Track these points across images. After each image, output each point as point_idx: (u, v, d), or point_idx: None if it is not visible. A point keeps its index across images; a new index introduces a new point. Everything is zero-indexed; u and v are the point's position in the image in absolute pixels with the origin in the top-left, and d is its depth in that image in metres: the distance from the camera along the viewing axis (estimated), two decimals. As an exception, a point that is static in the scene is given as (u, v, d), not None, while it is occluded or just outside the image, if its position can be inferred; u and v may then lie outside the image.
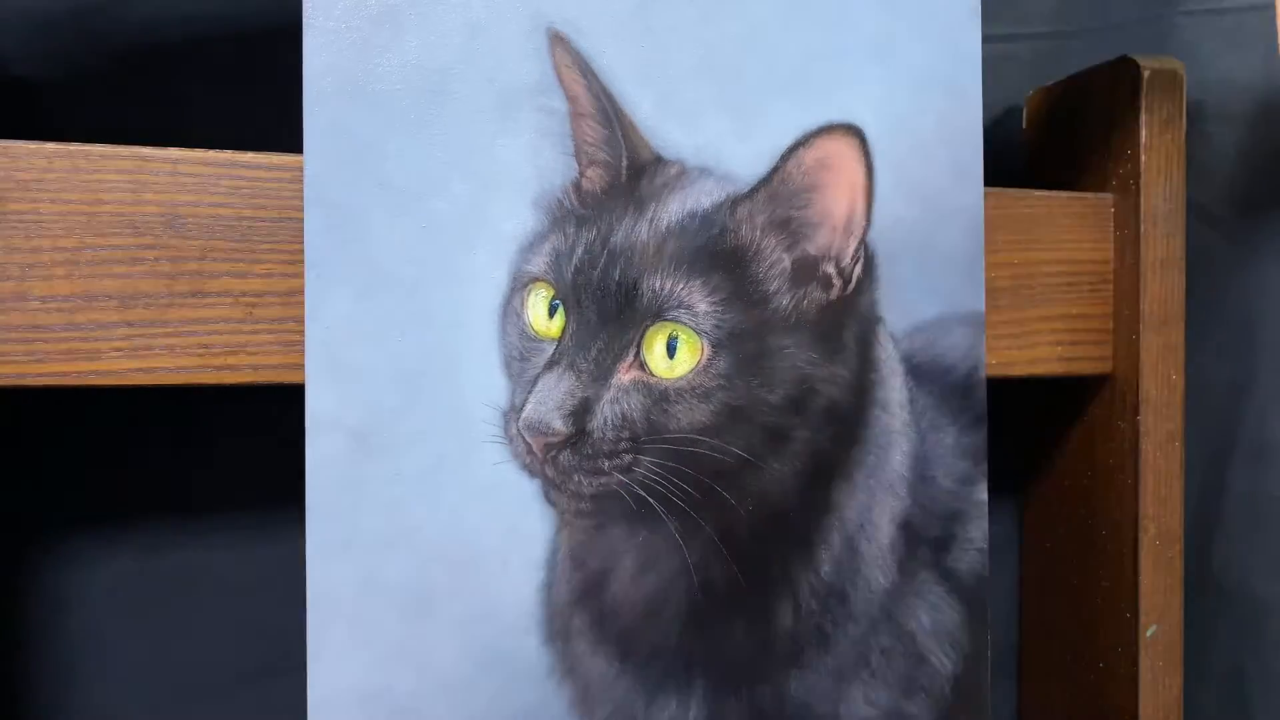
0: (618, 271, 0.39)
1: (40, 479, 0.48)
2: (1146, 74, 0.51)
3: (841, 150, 0.42)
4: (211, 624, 0.50)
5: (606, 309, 0.39)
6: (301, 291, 0.38)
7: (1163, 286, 0.51)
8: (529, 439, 0.38)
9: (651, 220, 0.40)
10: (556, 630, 0.40)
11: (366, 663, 0.38)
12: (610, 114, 0.40)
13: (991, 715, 0.45)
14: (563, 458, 0.39)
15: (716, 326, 0.40)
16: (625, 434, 0.39)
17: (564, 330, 0.39)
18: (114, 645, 0.49)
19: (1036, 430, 0.59)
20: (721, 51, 0.41)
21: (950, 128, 0.45)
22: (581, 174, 0.40)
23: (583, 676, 0.40)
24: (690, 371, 0.39)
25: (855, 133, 0.43)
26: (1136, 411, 0.52)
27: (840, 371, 0.42)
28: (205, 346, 0.38)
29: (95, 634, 0.49)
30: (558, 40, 0.40)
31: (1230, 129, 0.60)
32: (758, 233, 0.41)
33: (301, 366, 0.37)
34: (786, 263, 0.41)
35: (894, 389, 0.44)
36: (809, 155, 0.42)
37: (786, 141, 0.42)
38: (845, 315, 0.42)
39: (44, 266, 0.36)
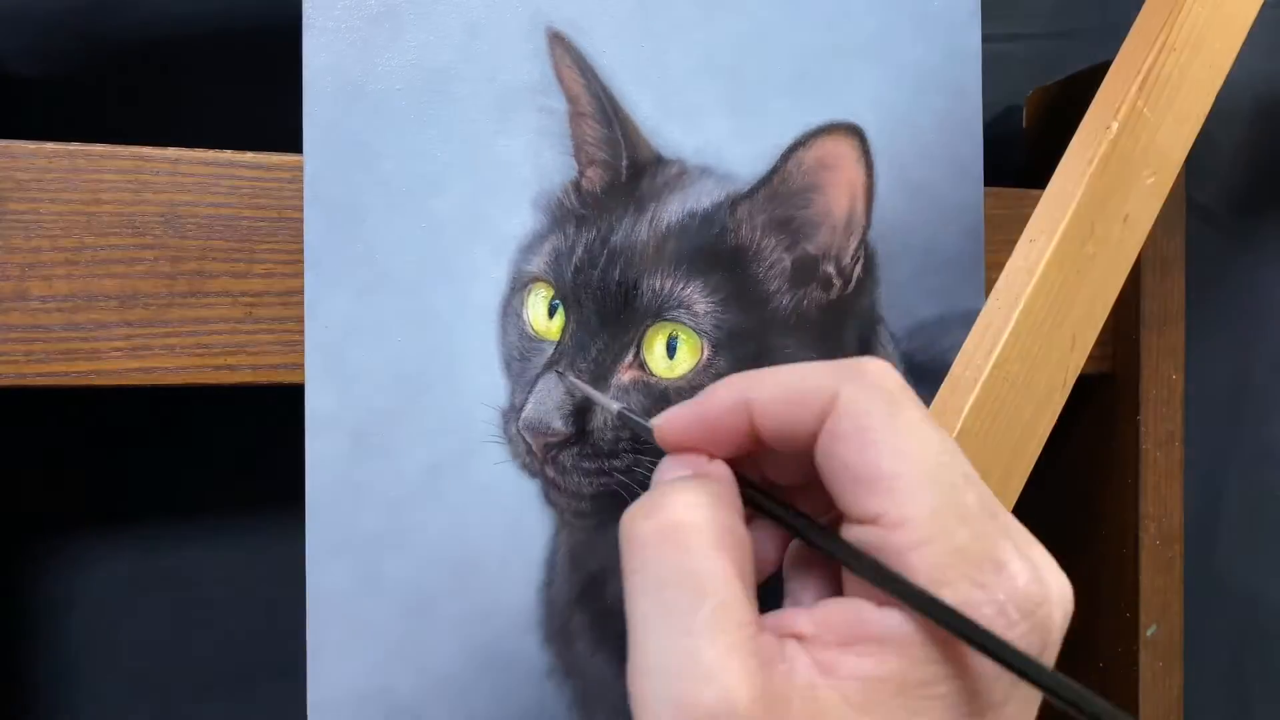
0: (618, 271, 0.39)
1: (40, 479, 0.48)
2: (1146, 74, 0.50)
3: (841, 150, 0.42)
4: (211, 624, 0.50)
5: (606, 309, 0.39)
6: (301, 291, 0.38)
7: (1163, 286, 0.51)
8: (529, 439, 0.38)
9: (651, 220, 0.40)
10: (556, 630, 0.40)
11: (366, 663, 0.38)
12: (610, 114, 0.40)
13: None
14: (562, 458, 0.39)
15: (716, 326, 0.40)
16: (625, 434, 0.39)
17: (564, 330, 0.39)
18: (114, 645, 0.49)
19: (1036, 430, 0.59)
20: (721, 51, 0.41)
21: (950, 127, 0.44)
22: (581, 174, 0.40)
23: (582, 677, 0.40)
24: (690, 371, 0.39)
25: (855, 132, 0.43)
26: (1136, 411, 0.52)
27: (840, 371, 0.42)
28: (205, 346, 0.38)
29: (95, 634, 0.49)
30: (557, 40, 0.40)
31: (1230, 129, 0.60)
32: (758, 232, 0.41)
33: (301, 366, 0.37)
34: (786, 262, 0.41)
35: (894, 389, 0.44)
36: (809, 155, 0.42)
37: (786, 141, 0.42)
38: (845, 315, 0.42)
39: (44, 266, 0.36)
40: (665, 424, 0.26)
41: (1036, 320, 0.38)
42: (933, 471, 0.22)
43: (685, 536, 0.22)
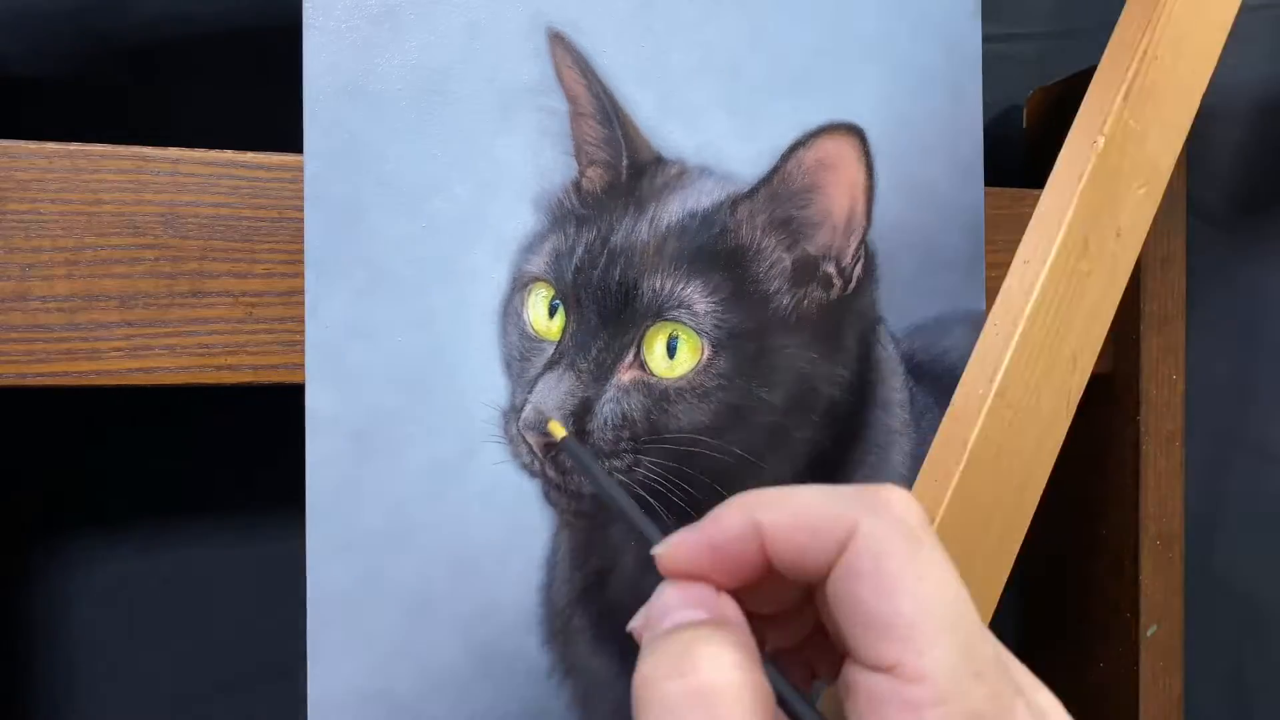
0: (618, 271, 0.39)
1: (40, 479, 0.48)
2: (1146, 74, 0.50)
3: (842, 150, 0.42)
4: (211, 624, 0.50)
5: (607, 309, 0.39)
6: (301, 291, 0.38)
7: (1163, 286, 0.51)
8: (529, 439, 0.38)
9: (652, 220, 0.40)
10: (556, 630, 0.40)
11: (366, 663, 0.38)
12: (610, 114, 0.40)
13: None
14: (563, 458, 0.39)
15: (717, 326, 0.40)
16: (625, 434, 0.39)
17: (564, 330, 0.39)
18: (114, 645, 0.49)
19: (1036, 430, 0.59)
20: (722, 51, 0.41)
21: (950, 127, 0.45)
22: (581, 174, 0.40)
23: (583, 676, 0.40)
24: (690, 371, 0.39)
25: (855, 132, 0.43)
26: (1137, 411, 0.52)
27: (840, 371, 0.42)
28: (205, 346, 0.38)
29: (95, 634, 0.49)
30: (558, 40, 0.40)
31: (1230, 129, 0.60)
32: (758, 232, 0.41)
33: (301, 366, 0.37)
34: (787, 262, 0.41)
35: (894, 389, 0.44)
36: (809, 155, 0.42)
37: (787, 141, 0.42)
38: (846, 315, 0.42)
39: (44, 266, 0.36)
40: (669, 551, 0.24)
41: (1036, 343, 0.37)
42: (953, 621, 0.21)
43: (720, 704, 0.20)
